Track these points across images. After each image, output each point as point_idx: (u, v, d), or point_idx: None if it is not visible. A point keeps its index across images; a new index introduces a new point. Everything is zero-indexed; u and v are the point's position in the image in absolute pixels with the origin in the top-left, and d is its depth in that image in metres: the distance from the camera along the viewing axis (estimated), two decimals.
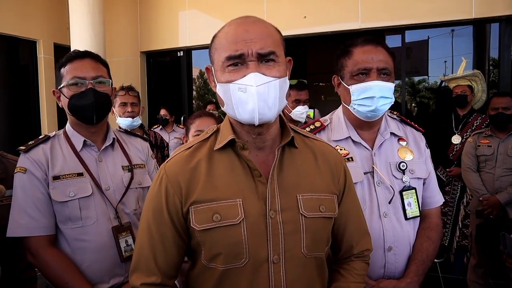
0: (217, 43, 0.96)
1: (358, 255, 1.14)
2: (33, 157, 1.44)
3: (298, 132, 1.09)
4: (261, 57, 0.92)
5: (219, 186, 0.97)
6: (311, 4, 4.80)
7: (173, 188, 0.98)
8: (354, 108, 1.40)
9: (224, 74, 0.94)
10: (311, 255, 1.00)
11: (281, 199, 0.98)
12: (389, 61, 1.37)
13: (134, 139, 1.72)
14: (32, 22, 5.17)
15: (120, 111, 2.86)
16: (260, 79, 0.90)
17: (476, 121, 3.65)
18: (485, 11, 4.16)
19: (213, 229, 0.94)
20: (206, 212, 0.95)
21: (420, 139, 1.52)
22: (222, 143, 1.00)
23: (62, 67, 1.49)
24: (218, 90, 0.97)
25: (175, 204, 0.98)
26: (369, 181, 1.39)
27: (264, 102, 0.91)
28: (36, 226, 1.39)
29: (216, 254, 0.96)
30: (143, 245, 1.01)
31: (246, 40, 0.91)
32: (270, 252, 0.95)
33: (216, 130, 1.07)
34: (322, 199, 1.03)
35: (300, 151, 1.06)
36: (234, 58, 0.92)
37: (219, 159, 1.01)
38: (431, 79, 5.91)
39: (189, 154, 1.02)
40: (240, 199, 0.96)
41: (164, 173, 1.01)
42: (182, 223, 0.99)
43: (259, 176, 0.98)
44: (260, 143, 1.01)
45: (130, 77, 5.42)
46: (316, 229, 1.01)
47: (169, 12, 5.59)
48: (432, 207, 1.50)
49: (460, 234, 3.67)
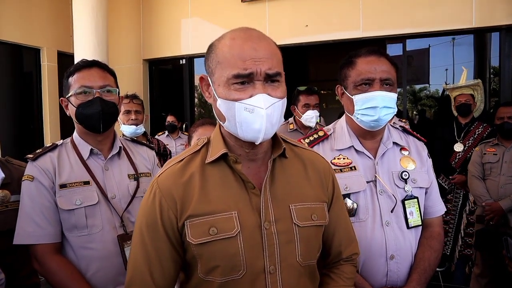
0: (221, 56, 0.94)
1: (346, 259, 1.16)
2: (41, 165, 1.45)
3: (287, 142, 1.10)
4: (268, 77, 0.92)
5: (214, 199, 0.97)
6: (313, 13, 4.85)
7: (168, 202, 0.97)
8: (358, 118, 1.42)
9: (229, 91, 0.92)
10: (306, 263, 1.02)
11: (275, 210, 0.99)
12: (392, 72, 1.39)
13: (140, 148, 1.74)
14: (36, 30, 5.22)
15: (124, 119, 2.89)
16: (268, 101, 0.91)
17: (478, 129, 3.67)
18: (486, 20, 4.20)
19: (209, 242, 0.94)
20: (202, 226, 0.95)
21: (422, 149, 1.53)
22: (214, 157, 0.99)
23: (70, 76, 1.51)
24: (219, 105, 0.96)
25: (170, 219, 0.97)
26: (371, 190, 1.40)
27: (270, 123, 0.92)
28: (43, 234, 1.40)
29: (214, 267, 0.95)
30: (138, 260, 0.99)
31: (255, 59, 0.90)
32: (266, 262, 0.96)
33: (207, 141, 1.06)
34: (314, 208, 1.04)
35: (290, 161, 1.07)
36: (243, 76, 0.90)
37: (211, 172, 1.00)
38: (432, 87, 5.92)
39: (181, 167, 1.01)
40: (235, 212, 0.96)
41: (157, 187, 0.99)
42: (178, 237, 0.98)
43: (253, 188, 0.98)
44: (252, 155, 1.01)
45: (133, 85, 5.45)
46: (309, 238, 1.02)
47: (171, 20, 5.64)
48: (434, 216, 1.51)
49: (462, 243, 3.66)
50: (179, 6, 5.57)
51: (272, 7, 5.04)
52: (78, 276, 1.41)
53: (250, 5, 5.11)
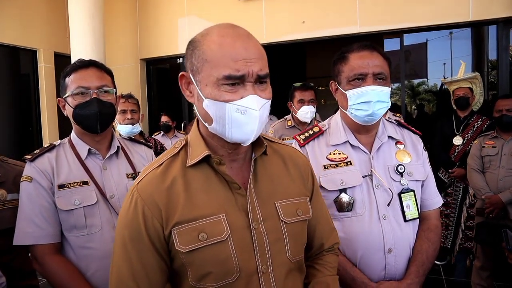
0: (209, 54, 0.89)
1: (329, 249, 1.17)
2: (39, 166, 1.46)
3: (265, 138, 1.08)
4: (258, 79, 0.90)
5: (199, 203, 0.93)
6: (310, 9, 4.84)
7: (151, 211, 0.92)
8: (352, 113, 1.42)
9: (219, 91, 0.88)
10: (295, 259, 1.02)
11: (261, 208, 0.98)
12: (385, 66, 1.39)
13: (139, 147, 1.74)
14: (33, 31, 5.22)
15: (120, 118, 2.90)
16: (260, 102, 0.89)
17: (477, 122, 3.67)
18: (483, 13, 4.19)
19: (200, 248, 0.91)
20: (191, 232, 0.91)
21: (417, 142, 1.53)
22: (195, 159, 0.95)
23: (67, 77, 1.50)
24: (207, 106, 0.91)
25: (155, 228, 0.92)
26: (368, 184, 1.41)
27: (261, 124, 0.91)
28: (42, 234, 1.40)
29: (206, 273, 0.92)
30: (123, 275, 0.94)
31: (246, 59, 0.87)
32: (258, 262, 0.95)
33: (185, 143, 1.02)
34: (298, 203, 1.04)
35: (270, 158, 1.05)
36: (235, 78, 0.87)
37: (194, 175, 0.96)
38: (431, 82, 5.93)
39: (162, 172, 0.96)
40: (223, 214, 0.93)
41: (139, 195, 0.93)
42: (164, 246, 0.93)
43: (238, 189, 0.96)
44: (234, 156, 0.99)
45: (130, 85, 5.45)
46: (296, 233, 1.02)
47: (168, 19, 5.63)
48: (431, 208, 1.51)
49: (462, 236, 3.67)
50: (175, 5, 5.56)
51: (268, 3, 5.03)
52: (78, 276, 1.41)
53: (246, 2, 5.11)
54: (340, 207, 1.39)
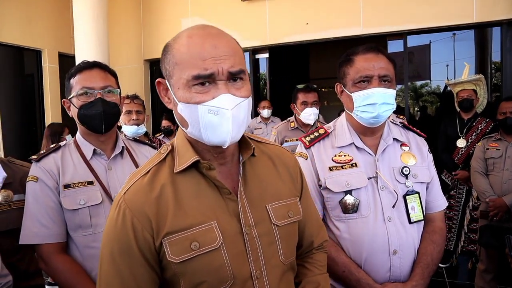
0: (178, 56, 0.87)
1: (318, 247, 1.16)
2: (45, 166, 1.47)
3: (252, 139, 1.04)
4: (231, 76, 0.86)
5: (190, 211, 0.90)
6: (313, 10, 4.85)
7: (141, 222, 0.87)
8: (357, 115, 1.42)
9: (190, 93, 0.85)
10: (288, 261, 1.01)
11: (252, 212, 0.95)
12: (390, 68, 1.40)
13: (143, 147, 1.75)
14: (37, 32, 5.25)
15: (125, 119, 2.89)
16: (233, 101, 0.85)
17: (480, 124, 3.66)
18: (486, 15, 4.19)
19: (193, 258, 0.87)
20: (183, 242, 0.88)
21: (422, 144, 1.54)
22: (184, 165, 0.92)
23: (72, 78, 1.52)
24: (181, 110, 0.88)
25: (146, 240, 0.88)
26: (373, 186, 1.41)
27: (237, 124, 0.87)
28: (48, 234, 1.42)
29: (199, 282, 0.89)
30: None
31: (215, 57, 0.84)
32: (252, 268, 0.93)
33: (171, 149, 0.98)
34: (289, 204, 1.02)
35: (258, 159, 1.02)
36: (203, 77, 0.84)
37: (182, 181, 0.92)
38: (434, 83, 5.94)
39: (149, 180, 0.92)
40: (215, 221, 0.90)
41: (126, 207, 0.89)
42: (155, 257, 0.90)
43: (229, 194, 0.93)
44: (221, 159, 0.96)
45: (134, 85, 5.47)
46: (288, 235, 1.01)
47: (172, 20, 5.65)
48: (436, 211, 1.51)
49: (465, 238, 3.66)
50: (179, 6, 5.58)
51: (272, 5, 5.04)
52: (84, 275, 1.42)
53: (250, 3, 5.12)
54: (345, 208, 1.40)
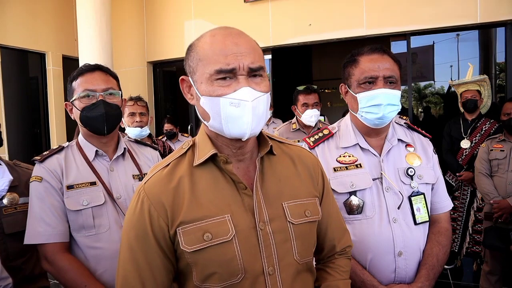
0: (202, 53, 0.92)
1: (341, 252, 1.15)
2: (48, 166, 1.48)
3: (273, 139, 1.08)
4: (251, 72, 0.91)
5: (205, 203, 0.94)
6: (316, 11, 4.84)
7: (157, 210, 0.93)
8: (362, 116, 1.42)
9: (212, 87, 0.91)
10: (303, 260, 1.00)
11: (268, 209, 0.97)
12: (395, 69, 1.39)
13: (144, 149, 1.76)
14: (41, 35, 5.28)
15: (129, 121, 2.89)
16: (253, 94, 0.90)
17: (484, 125, 3.64)
18: (490, 15, 4.17)
19: (205, 249, 0.91)
20: (196, 232, 0.91)
21: (427, 145, 1.53)
22: (202, 158, 0.96)
23: (74, 81, 1.53)
24: (203, 103, 0.93)
25: (161, 228, 0.93)
26: (377, 187, 1.40)
27: (257, 117, 0.91)
28: (53, 233, 1.42)
29: (210, 273, 0.92)
30: (129, 275, 0.94)
31: (237, 53, 0.90)
32: (265, 264, 0.94)
33: (192, 144, 1.03)
34: (306, 204, 1.03)
35: (278, 158, 1.05)
36: (225, 72, 0.89)
37: (200, 175, 0.97)
38: (437, 84, 5.89)
39: (168, 172, 0.97)
40: (228, 214, 0.93)
41: (145, 195, 0.94)
42: (170, 246, 0.94)
43: (244, 189, 0.96)
44: (240, 155, 0.99)
45: (137, 87, 5.49)
46: (304, 235, 1.01)
47: (175, 22, 5.66)
48: (441, 212, 1.50)
49: (470, 240, 3.63)
50: (182, 8, 5.59)
51: (275, 6, 5.04)
52: (89, 274, 1.43)
53: (253, 5, 5.12)
54: (350, 209, 1.39)
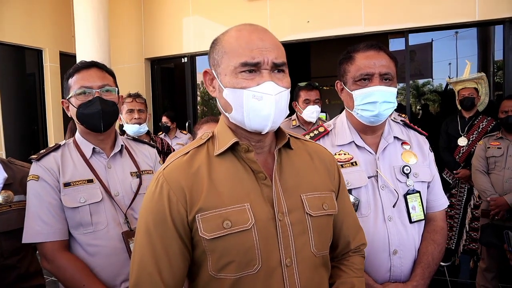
0: (227, 46, 0.95)
1: (355, 250, 1.15)
2: (45, 165, 1.47)
3: (290, 135, 1.09)
4: (275, 67, 0.94)
5: (224, 191, 0.94)
6: (314, 8, 4.83)
7: (176, 195, 0.93)
8: (357, 113, 1.41)
9: (236, 79, 0.93)
10: (320, 254, 1.01)
11: (286, 200, 0.98)
12: (391, 66, 1.38)
13: (142, 146, 1.75)
14: (38, 31, 5.25)
15: (127, 118, 2.89)
16: (276, 88, 0.92)
17: (482, 123, 3.65)
18: (489, 13, 4.16)
19: (224, 236, 0.90)
20: (215, 219, 0.91)
21: (423, 143, 1.52)
22: (224, 147, 0.98)
23: (70, 78, 1.52)
24: (226, 95, 0.95)
25: (179, 213, 0.92)
26: (373, 185, 1.40)
27: (279, 110, 0.93)
28: (51, 231, 1.42)
29: (228, 262, 0.92)
30: (145, 259, 0.93)
31: (262, 48, 0.92)
32: (282, 255, 0.94)
33: (211, 135, 1.05)
34: (324, 197, 1.04)
35: (295, 152, 1.06)
36: (250, 65, 0.92)
37: (219, 164, 0.98)
38: (436, 82, 5.90)
39: (188, 159, 0.98)
40: (248, 203, 0.94)
41: (164, 180, 0.94)
42: (188, 232, 0.94)
43: (264, 179, 0.97)
44: (258, 149, 1.01)
45: (135, 84, 5.47)
46: (321, 227, 1.02)
47: (173, 19, 5.64)
48: (437, 210, 1.50)
49: (467, 237, 3.65)
50: (180, 4, 5.57)
51: (273, 3, 5.03)
52: (88, 271, 1.42)
53: (251, 2, 5.11)
54: None
